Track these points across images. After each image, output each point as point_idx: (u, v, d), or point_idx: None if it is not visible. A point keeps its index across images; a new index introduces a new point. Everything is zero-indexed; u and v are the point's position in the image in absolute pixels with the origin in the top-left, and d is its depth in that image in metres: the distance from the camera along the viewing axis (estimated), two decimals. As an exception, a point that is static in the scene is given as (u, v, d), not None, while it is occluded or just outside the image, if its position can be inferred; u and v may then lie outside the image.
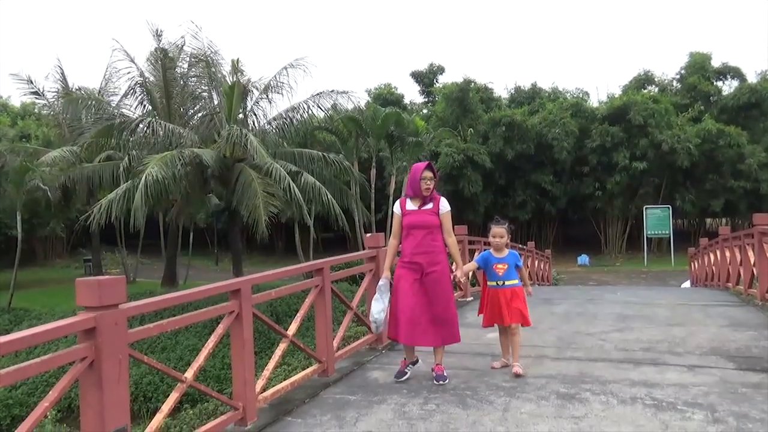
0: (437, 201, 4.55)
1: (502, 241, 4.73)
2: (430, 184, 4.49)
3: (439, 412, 3.88)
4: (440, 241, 4.54)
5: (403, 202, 4.63)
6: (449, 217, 4.57)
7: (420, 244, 4.46)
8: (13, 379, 2.54)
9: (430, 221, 4.50)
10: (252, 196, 14.19)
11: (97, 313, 2.77)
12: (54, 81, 22.76)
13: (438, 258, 4.48)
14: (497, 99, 31.77)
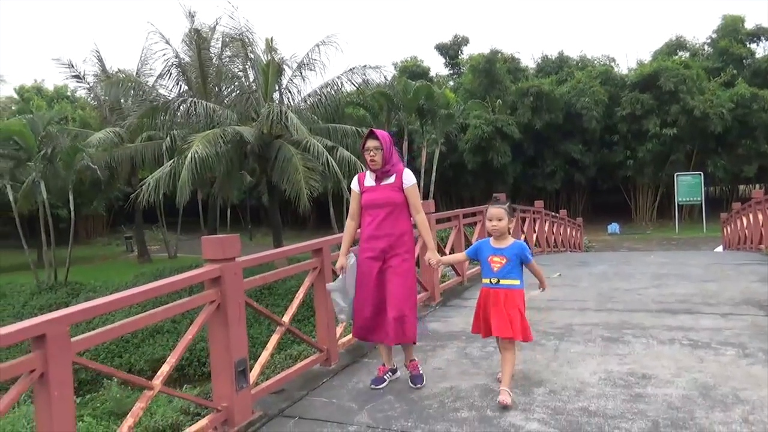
0: (399, 174, 3.75)
1: (501, 225, 3.52)
2: (375, 155, 3.69)
3: (497, 353, 4.40)
4: (405, 222, 3.78)
5: (362, 177, 3.87)
6: (415, 191, 3.81)
7: (380, 226, 3.72)
8: (149, 321, 3.12)
9: (392, 198, 3.72)
10: (293, 171, 14.77)
11: (221, 265, 3.35)
12: (92, 64, 23.62)
13: (401, 241, 3.74)
14: (524, 69, 31.66)
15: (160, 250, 28.52)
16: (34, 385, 2.34)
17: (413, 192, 3.80)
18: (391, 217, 3.73)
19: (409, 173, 3.81)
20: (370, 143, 3.72)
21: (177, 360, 3.13)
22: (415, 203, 3.80)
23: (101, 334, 2.68)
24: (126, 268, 22.89)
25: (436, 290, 6.38)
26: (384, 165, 3.72)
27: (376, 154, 3.70)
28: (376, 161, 3.71)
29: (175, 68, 19.87)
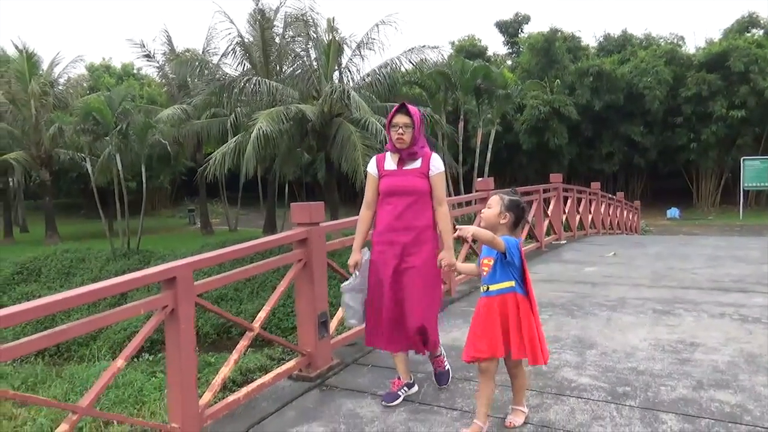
0: (427, 158, 3.24)
1: (486, 214, 2.86)
2: (405, 133, 3.18)
3: (552, 320, 4.75)
4: (430, 214, 3.26)
5: (381, 158, 3.36)
6: (442, 180, 3.28)
7: (401, 217, 3.20)
8: (253, 272, 3.62)
9: (416, 186, 3.20)
10: (351, 148, 15.25)
11: (308, 228, 3.81)
12: (161, 44, 24.75)
13: (425, 236, 3.22)
14: (585, 48, 30.94)
15: (220, 223, 29.79)
16: (165, 319, 2.86)
17: (440, 181, 3.26)
18: (414, 208, 3.19)
19: (437, 159, 3.28)
20: (400, 118, 3.19)
21: (271, 307, 3.62)
22: (439, 194, 3.26)
23: (218, 280, 3.20)
24: (190, 238, 24.11)
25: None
26: (411, 146, 3.21)
27: (405, 132, 3.18)
28: (404, 140, 3.19)
29: (239, 47, 20.61)
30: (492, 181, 6.90)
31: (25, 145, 22.01)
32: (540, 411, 3.10)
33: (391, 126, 3.24)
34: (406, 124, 3.20)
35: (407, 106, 3.22)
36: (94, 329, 2.61)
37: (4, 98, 21.44)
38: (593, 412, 3.06)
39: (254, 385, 3.40)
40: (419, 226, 3.21)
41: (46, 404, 2.66)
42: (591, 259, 7.78)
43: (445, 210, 3.30)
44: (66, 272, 17.57)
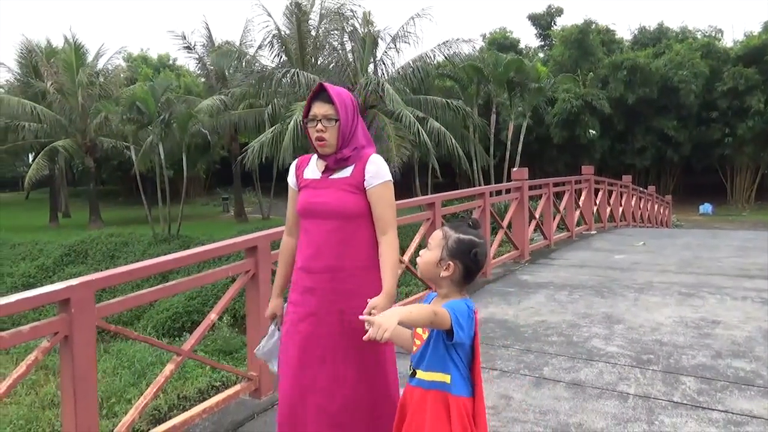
0: (363, 162, 2.16)
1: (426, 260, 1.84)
2: (326, 130, 2.12)
3: (583, 300, 5.12)
4: (366, 248, 2.16)
5: (303, 162, 2.30)
6: (388, 194, 2.17)
7: (318, 253, 2.14)
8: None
9: (342, 204, 2.13)
10: (385, 140, 15.68)
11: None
12: (199, 36, 25.49)
13: (356, 282, 2.13)
14: (619, 41, 30.71)
15: (253, 211, 30.55)
16: (247, 283, 3.31)
17: (383, 195, 2.14)
18: (339, 238, 2.11)
19: (379, 163, 2.17)
20: (319, 108, 2.12)
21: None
22: (384, 216, 2.13)
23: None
24: (226, 226, 24.89)
25: (526, 249, 7.08)
26: (340, 147, 2.13)
27: (327, 128, 2.11)
28: (326, 141, 2.12)
29: (276, 40, 21.17)
30: (527, 171, 7.25)
31: (71, 133, 23.00)
32: (571, 372, 3.49)
33: (308, 120, 2.17)
34: (328, 115, 2.10)
35: (329, 89, 2.12)
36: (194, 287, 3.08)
37: (53, 88, 22.43)
38: (619, 374, 3.44)
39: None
40: (347, 268, 2.10)
41: (148, 341, 3.03)
42: (620, 247, 8.08)
43: (391, 240, 2.13)
44: (111, 255, 18.46)
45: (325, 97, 2.13)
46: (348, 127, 2.14)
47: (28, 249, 18.97)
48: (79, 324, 2.35)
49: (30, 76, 25.20)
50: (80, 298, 2.37)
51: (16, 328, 2.24)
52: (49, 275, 16.60)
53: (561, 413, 2.96)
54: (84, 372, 2.36)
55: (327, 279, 2.13)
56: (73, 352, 2.35)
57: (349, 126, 2.15)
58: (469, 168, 18.72)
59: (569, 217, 9.02)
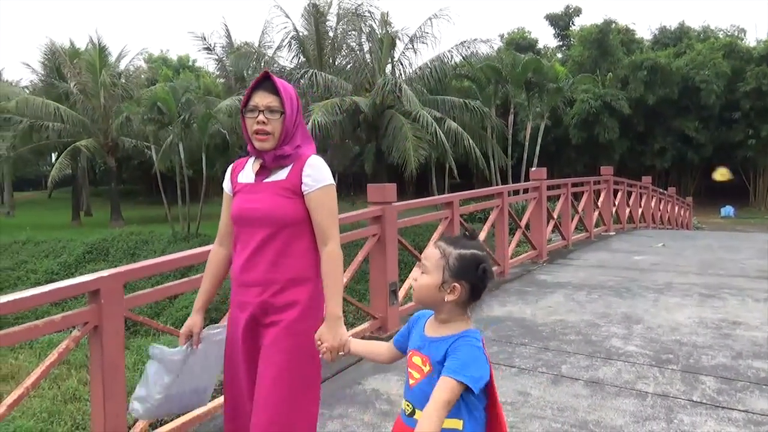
0: (301, 163, 1.95)
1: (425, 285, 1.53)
2: (268, 123, 1.92)
3: (601, 300, 5.10)
4: (303, 259, 1.94)
5: (238, 165, 2.10)
6: (329, 198, 1.96)
7: (252, 264, 1.93)
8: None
9: (278, 209, 1.92)
10: (402, 140, 15.72)
11: (382, 206, 4.28)
12: (219, 37, 25.75)
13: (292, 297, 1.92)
14: (639, 41, 30.40)
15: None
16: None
17: (324, 201, 1.93)
18: (273, 248, 1.91)
19: (318, 164, 1.95)
20: (262, 98, 1.92)
21: (351, 276, 4.12)
22: (323, 223, 1.93)
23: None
24: (244, 225, 25.13)
25: (544, 249, 7.06)
26: (281, 144, 1.93)
27: (269, 120, 1.91)
28: (267, 134, 1.91)
29: (294, 41, 21.32)
30: (545, 170, 7.24)
31: (93, 133, 23.38)
32: (590, 370, 3.50)
33: (247, 111, 1.95)
34: (272, 107, 1.91)
35: (274, 78, 1.95)
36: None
37: (76, 89, 22.83)
38: (638, 373, 3.44)
39: (336, 341, 3.89)
40: (282, 280, 1.89)
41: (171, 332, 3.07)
42: (640, 248, 8.02)
43: (332, 251, 1.92)
44: (131, 253, 18.72)
45: (270, 87, 1.94)
46: (292, 122, 1.96)
47: (51, 246, 19.32)
48: (108, 314, 2.43)
49: (54, 77, 25.67)
50: (110, 289, 2.45)
51: (48, 317, 2.32)
52: (71, 272, 16.87)
53: (579, 410, 2.98)
54: (113, 360, 2.43)
55: (259, 293, 1.90)
56: (102, 342, 2.42)
57: (293, 121, 1.97)
58: (486, 169, 18.68)
59: (588, 218, 8.97)
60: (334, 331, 1.86)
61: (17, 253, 18.48)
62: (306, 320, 1.91)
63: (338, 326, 1.87)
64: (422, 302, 1.56)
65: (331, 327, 1.87)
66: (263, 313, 1.92)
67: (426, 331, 1.58)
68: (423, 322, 1.62)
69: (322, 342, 1.83)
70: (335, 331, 1.86)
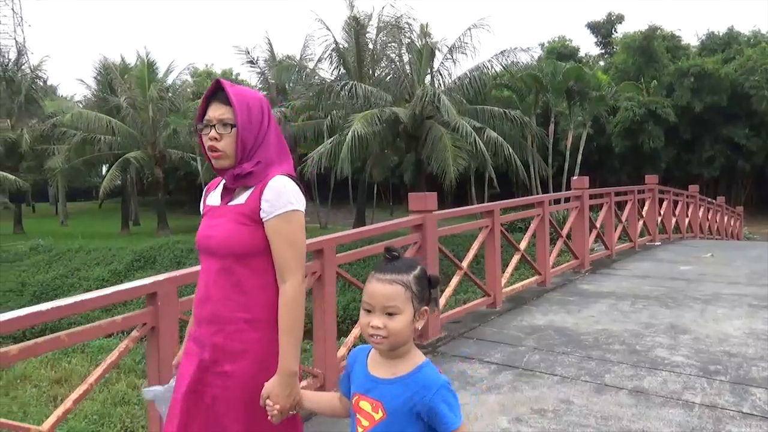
0: (263, 184, 1.68)
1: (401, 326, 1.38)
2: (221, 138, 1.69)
3: (646, 310, 5.02)
4: (259, 295, 1.68)
5: (212, 185, 1.89)
6: (288, 228, 1.67)
7: (205, 299, 1.73)
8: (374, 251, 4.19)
9: (232, 237, 1.68)
10: (442, 149, 15.78)
11: (423, 215, 4.34)
12: (261, 51, 26.41)
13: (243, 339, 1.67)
14: (685, 47, 29.73)
15: (310, 221, 31.22)
16: (314, 284, 3.47)
17: (281, 231, 1.67)
18: (227, 281, 1.68)
19: (280, 187, 1.67)
20: (214, 110, 1.71)
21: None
22: (282, 256, 1.67)
23: (353, 254, 3.82)
24: (285, 234, 25.55)
25: (586, 259, 6.97)
26: (239, 160, 1.70)
27: (221, 136, 1.69)
28: (220, 151, 1.70)
29: (334, 53, 21.69)
30: (587, 179, 7.16)
31: (142, 145, 24.24)
32: (634, 380, 3.46)
33: (202, 126, 1.73)
34: (224, 119, 1.68)
35: (227, 87, 1.70)
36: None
37: (126, 103, 23.76)
38: (685, 383, 3.38)
39: (378, 346, 3.96)
40: (235, 320, 1.66)
41: None
42: (686, 258, 7.82)
43: (291, 293, 1.65)
44: (177, 261, 19.23)
45: (223, 98, 1.69)
46: (250, 134, 1.69)
47: (102, 254, 20.05)
48: (164, 316, 2.56)
49: (106, 91, 26.78)
50: (166, 292, 2.58)
51: (110, 318, 2.47)
52: (120, 279, 17.47)
53: (623, 419, 2.95)
54: (168, 360, 2.56)
55: (211, 332, 1.67)
56: (158, 343, 2.56)
57: (253, 134, 1.69)
58: (526, 178, 18.52)
59: (632, 228, 8.80)
60: (288, 389, 1.58)
61: (70, 260, 19.24)
62: (264, 372, 1.62)
63: (294, 384, 1.60)
64: (399, 344, 1.39)
65: (285, 384, 1.58)
66: (214, 360, 1.67)
67: (370, 369, 1.42)
68: (363, 359, 1.45)
69: (273, 402, 1.57)
70: (290, 390, 1.58)
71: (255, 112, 1.71)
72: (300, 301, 1.66)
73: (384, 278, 1.38)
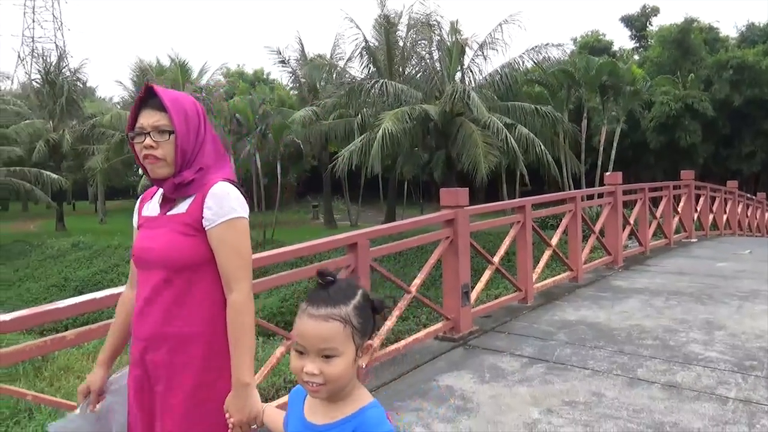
0: (204, 191, 1.62)
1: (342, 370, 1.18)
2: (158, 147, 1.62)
3: (680, 306, 4.98)
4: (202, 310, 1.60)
5: (147, 195, 1.79)
6: (233, 235, 1.61)
7: (144, 314, 1.63)
8: (405, 246, 4.28)
9: (172, 249, 1.60)
10: (472, 146, 15.72)
11: (455, 210, 4.40)
12: (293, 50, 26.67)
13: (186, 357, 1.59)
14: (723, 39, 28.90)
15: (341, 218, 31.43)
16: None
17: (226, 239, 1.60)
18: (169, 295, 1.60)
19: (222, 193, 1.62)
20: (147, 117, 1.63)
21: (425, 277, 4.26)
22: (228, 266, 1.60)
23: (387, 248, 3.92)
24: (316, 232, 25.80)
25: (619, 255, 6.92)
26: (179, 168, 1.64)
27: (158, 143, 1.62)
28: (158, 159, 1.63)
29: (365, 51, 21.80)
30: (620, 175, 7.10)
31: (177, 144, 24.80)
32: (667, 374, 3.46)
33: (134, 134, 1.65)
34: (160, 126, 1.62)
35: (160, 93, 1.63)
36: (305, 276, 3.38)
37: (162, 103, 24.33)
38: (719, 378, 3.37)
39: (410, 339, 4.06)
40: (175, 336, 1.59)
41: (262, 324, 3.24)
42: (723, 255, 7.68)
43: (238, 303, 1.58)
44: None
45: (156, 104, 1.62)
46: (189, 141, 1.63)
47: (141, 251, 20.58)
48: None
49: (142, 93, 27.45)
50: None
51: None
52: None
53: (655, 412, 2.97)
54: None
55: (153, 349, 1.59)
56: None
57: (191, 140, 1.64)
58: (558, 175, 18.32)
59: (667, 224, 8.67)
60: (242, 402, 1.54)
61: (110, 257, 19.84)
62: (207, 387, 1.57)
63: (247, 396, 1.55)
64: (340, 390, 1.19)
65: (239, 397, 1.54)
66: (155, 378, 1.59)
67: (307, 414, 1.25)
68: (300, 402, 1.29)
69: (229, 414, 1.54)
70: (244, 403, 1.54)
71: (192, 118, 1.66)
72: (248, 311, 1.59)
73: (318, 314, 1.16)
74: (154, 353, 1.59)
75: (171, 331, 1.58)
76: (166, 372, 1.58)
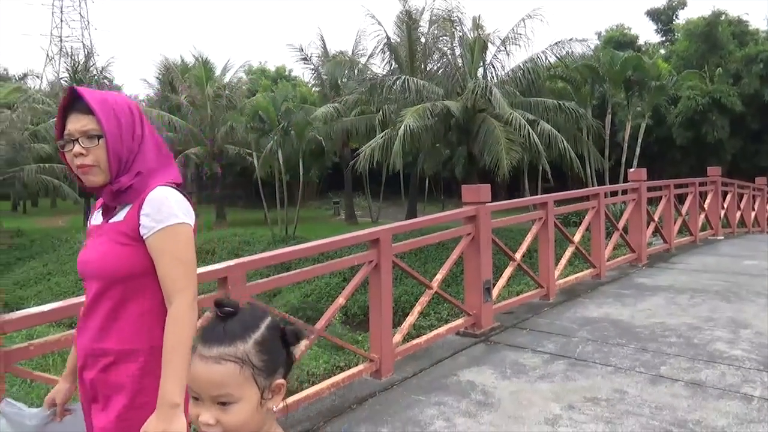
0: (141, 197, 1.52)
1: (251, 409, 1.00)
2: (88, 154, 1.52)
3: (705, 304, 4.92)
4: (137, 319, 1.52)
5: (98, 203, 1.67)
6: (172, 242, 1.50)
7: (85, 324, 1.56)
8: (428, 242, 4.30)
9: (107, 259, 1.52)
10: (494, 143, 15.65)
11: (476, 206, 4.41)
12: (315, 48, 26.82)
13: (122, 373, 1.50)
14: (754, 32, 28.17)
15: (362, 215, 31.52)
16: (370, 272, 3.62)
17: (165, 247, 1.50)
18: (104, 308, 1.53)
19: (160, 198, 1.52)
20: (74, 122, 1.53)
21: (446, 273, 4.29)
22: (167, 273, 1.50)
23: (409, 243, 3.96)
24: (337, 228, 25.93)
25: (643, 252, 6.85)
26: (116, 174, 1.54)
27: (89, 150, 1.52)
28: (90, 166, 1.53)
29: (386, 47, 21.82)
30: (645, 171, 7.02)
31: (201, 141, 25.14)
32: (691, 372, 3.44)
33: (64, 142, 1.55)
34: (88, 131, 1.52)
35: (85, 95, 1.52)
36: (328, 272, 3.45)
37: (186, 101, 24.68)
38: (744, 377, 3.34)
39: (432, 334, 4.09)
40: (111, 352, 1.51)
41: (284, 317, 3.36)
42: (751, 253, 7.56)
43: (177, 313, 1.49)
44: (235, 253, 19.92)
45: (83, 107, 1.51)
46: (123, 143, 1.52)
47: (165, 246, 20.93)
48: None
49: (167, 90, 27.87)
50: (235, 276, 2.79)
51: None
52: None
53: (679, 409, 2.96)
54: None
55: (89, 366, 1.52)
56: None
57: (126, 142, 1.53)
58: (581, 171, 18.14)
59: (692, 221, 8.55)
60: (165, 423, 1.38)
61: (136, 252, 20.20)
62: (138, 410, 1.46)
63: (172, 417, 1.38)
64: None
65: (163, 417, 1.38)
66: (92, 395, 1.53)
67: None
68: None
69: None
70: (167, 424, 1.38)
71: (124, 118, 1.54)
72: (188, 322, 1.46)
73: (209, 355, 0.99)
74: (90, 371, 1.52)
75: (105, 347, 1.49)
76: (101, 390, 1.51)
